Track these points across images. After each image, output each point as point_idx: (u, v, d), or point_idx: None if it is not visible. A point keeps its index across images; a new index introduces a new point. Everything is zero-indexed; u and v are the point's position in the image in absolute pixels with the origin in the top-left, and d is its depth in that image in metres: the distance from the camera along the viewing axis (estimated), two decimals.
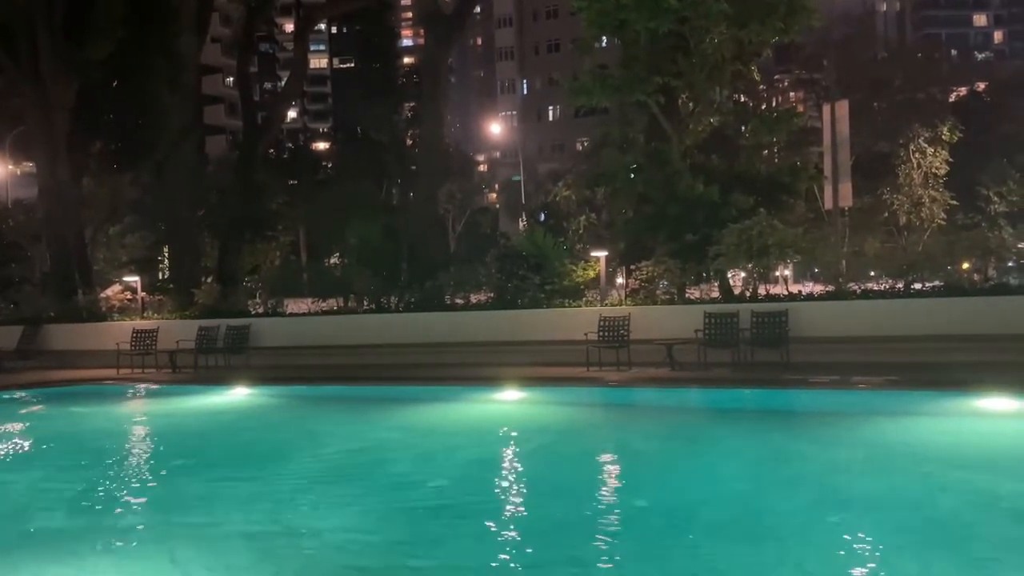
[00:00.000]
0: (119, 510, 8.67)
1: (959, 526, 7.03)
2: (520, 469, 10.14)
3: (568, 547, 6.86)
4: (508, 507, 8.38)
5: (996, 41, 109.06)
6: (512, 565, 6.61)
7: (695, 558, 6.49)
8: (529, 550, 6.98)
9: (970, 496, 7.85)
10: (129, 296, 24.98)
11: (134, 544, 7.43)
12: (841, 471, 9.02)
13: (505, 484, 9.39)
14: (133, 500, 9.11)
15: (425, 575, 6.40)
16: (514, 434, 11.87)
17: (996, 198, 45.87)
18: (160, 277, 35.32)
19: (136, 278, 27.29)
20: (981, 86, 56.74)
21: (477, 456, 10.59)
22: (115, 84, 31.08)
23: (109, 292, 26.14)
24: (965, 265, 18.11)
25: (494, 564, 6.58)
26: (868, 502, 7.83)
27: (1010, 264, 20.68)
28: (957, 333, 13.91)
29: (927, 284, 16.33)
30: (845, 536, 6.94)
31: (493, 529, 7.46)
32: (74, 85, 25.73)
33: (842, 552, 6.50)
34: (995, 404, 10.89)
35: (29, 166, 35.62)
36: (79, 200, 28.21)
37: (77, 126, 26.81)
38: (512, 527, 7.68)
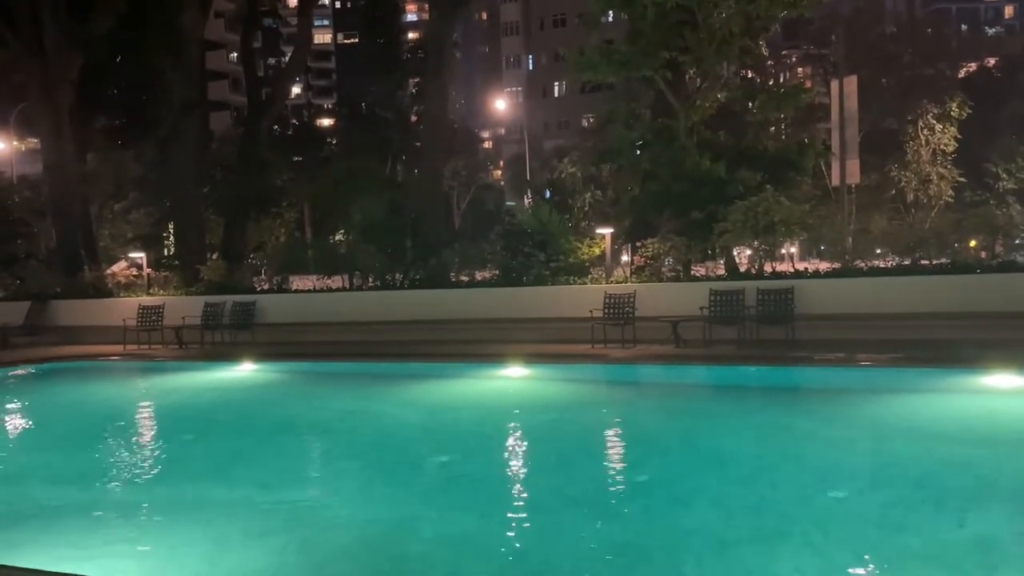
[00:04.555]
0: (126, 485, 8.75)
1: (963, 502, 7.04)
2: (525, 445, 10.19)
3: (574, 521, 6.90)
4: (513, 482, 8.43)
5: (1007, 16, 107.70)
6: (518, 539, 6.65)
7: (699, 532, 6.52)
8: (535, 524, 7.02)
9: (974, 473, 7.85)
10: (135, 272, 25.03)
11: (140, 518, 7.50)
12: (845, 448, 9.04)
13: (510, 460, 9.44)
14: (139, 475, 9.18)
15: (431, 549, 6.44)
16: (519, 411, 11.91)
17: (1004, 175, 45.55)
18: (165, 253, 35.36)
19: (142, 254, 27.33)
20: (991, 62, 56.21)
21: (482, 432, 10.63)
22: (118, 59, 30.96)
23: (115, 268, 26.20)
24: (972, 243, 18.03)
25: (500, 539, 6.62)
26: (872, 478, 7.85)
27: (1017, 241, 20.58)
28: (963, 311, 13.88)
29: (934, 261, 16.27)
30: (849, 511, 6.97)
31: (499, 504, 7.50)
32: (77, 60, 25.61)
33: (846, 527, 6.53)
34: (1001, 381, 10.87)
35: (34, 142, 35.55)
36: (83, 176, 28.18)
37: (80, 102, 26.72)
38: (517, 502, 7.72)
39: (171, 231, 34.29)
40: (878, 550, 6.06)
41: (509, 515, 7.27)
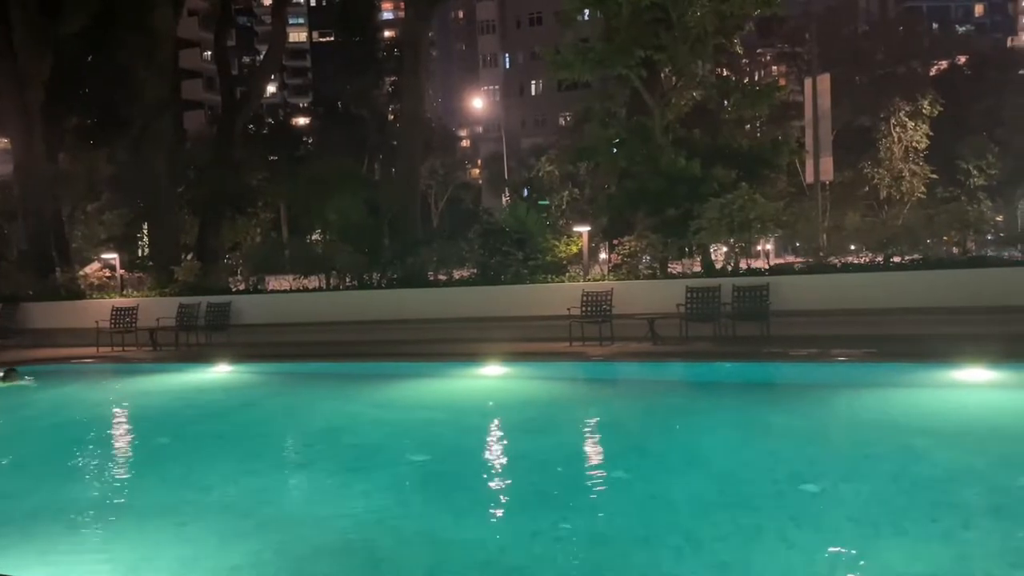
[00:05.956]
0: (100, 488, 8.66)
1: (935, 495, 7.14)
2: (503, 443, 10.19)
3: (552, 518, 6.91)
4: (491, 481, 8.43)
5: (977, 15, 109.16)
6: (496, 537, 6.66)
7: (675, 527, 6.56)
8: (514, 522, 7.03)
9: (946, 465, 7.96)
10: (108, 274, 24.76)
11: (114, 522, 7.42)
12: (820, 442, 9.14)
13: (488, 458, 9.44)
14: (114, 478, 9.09)
15: (409, 549, 6.43)
16: (497, 409, 11.91)
17: (975, 172, 46.23)
18: (139, 254, 35.00)
19: (115, 255, 27.04)
20: (962, 60, 56.93)
21: (460, 431, 10.62)
22: (90, 58, 30.58)
23: (88, 270, 25.88)
24: (944, 238, 18.26)
25: (478, 537, 6.62)
26: (846, 472, 7.93)
27: (988, 237, 20.88)
28: (935, 306, 14.07)
29: (906, 257, 16.46)
30: (823, 505, 7.05)
31: (477, 503, 7.50)
32: (48, 59, 25.28)
33: (820, 521, 6.60)
34: (971, 375, 11.02)
35: (4, 142, 35.04)
36: (55, 176, 27.83)
37: (52, 101, 26.38)
38: (495, 500, 7.72)
39: (145, 232, 33.96)
40: (852, 543, 6.13)
41: (487, 514, 7.27)
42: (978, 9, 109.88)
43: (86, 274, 24.57)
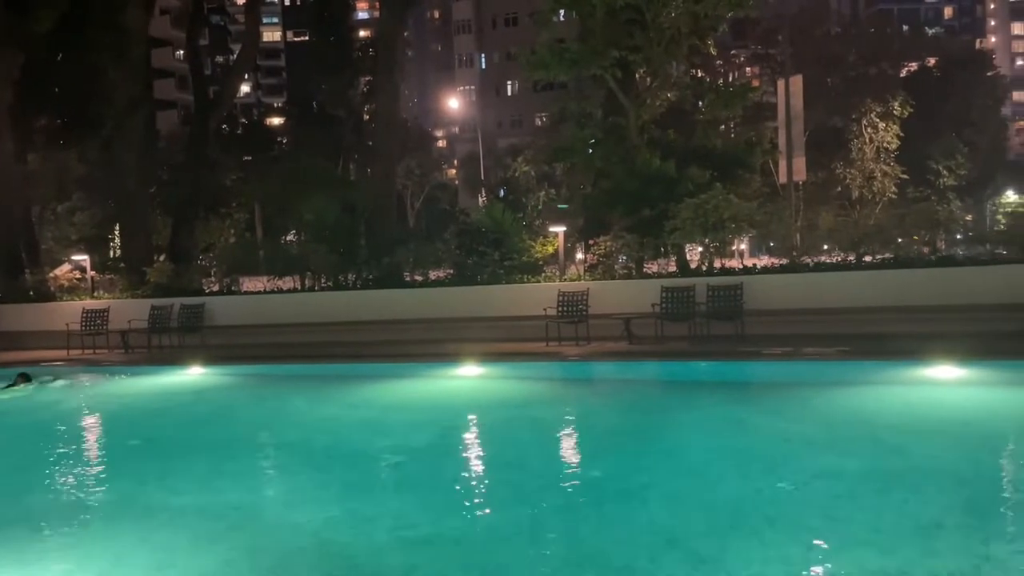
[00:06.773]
0: (70, 493, 8.55)
1: (907, 491, 7.23)
2: (479, 443, 10.19)
3: (528, 518, 6.92)
4: (468, 481, 8.43)
5: (946, 17, 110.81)
6: (474, 538, 6.65)
7: (652, 527, 6.59)
8: (491, 523, 7.03)
9: (917, 462, 8.07)
10: (78, 275, 24.44)
11: (85, 527, 7.33)
12: (793, 440, 9.22)
13: (465, 458, 9.43)
14: (84, 483, 8.98)
15: (384, 550, 6.41)
16: (474, 409, 11.90)
17: (945, 172, 46.93)
18: (111, 255, 34.57)
19: (86, 257, 26.70)
20: (931, 61, 57.73)
21: (437, 432, 10.61)
22: (60, 57, 30.14)
23: (58, 271, 25.55)
24: (915, 238, 18.51)
25: (455, 538, 6.61)
26: (819, 469, 8.01)
27: (958, 236, 21.21)
28: (906, 304, 14.25)
29: (878, 256, 16.66)
30: (797, 502, 7.11)
31: (454, 504, 7.49)
32: (18, 58, 24.90)
33: (794, 518, 6.66)
34: (941, 373, 11.18)
35: None
36: (25, 177, 27.43)
37: (21, 100, 26.01)
38: (472, 500, 7.72)
39: (116, 233, 33.53)
40: (825, 540, 6.19)
41: (464, 514, 7.26)
42: (947, 11, 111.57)
43: (56, 275, 24.25)
